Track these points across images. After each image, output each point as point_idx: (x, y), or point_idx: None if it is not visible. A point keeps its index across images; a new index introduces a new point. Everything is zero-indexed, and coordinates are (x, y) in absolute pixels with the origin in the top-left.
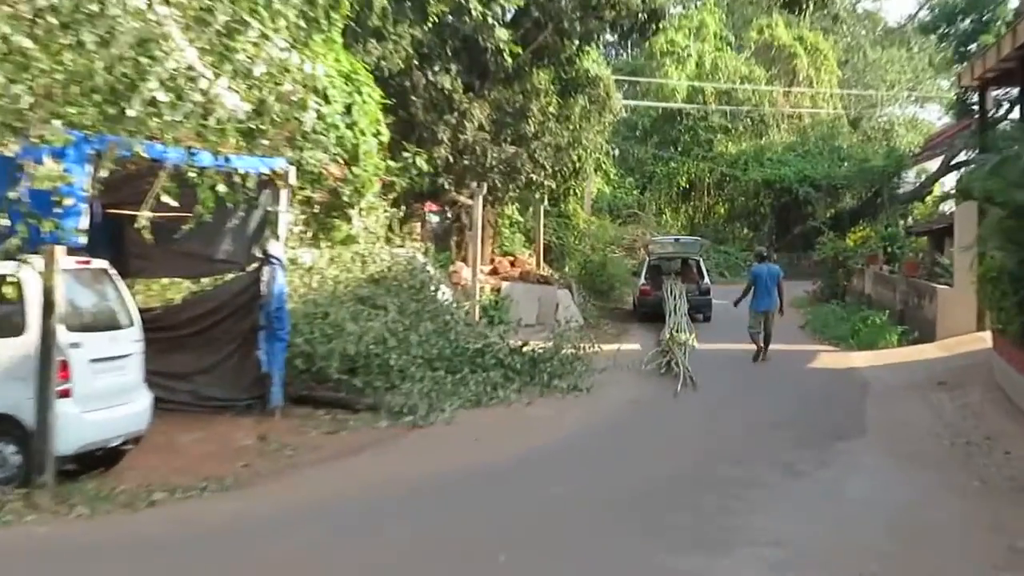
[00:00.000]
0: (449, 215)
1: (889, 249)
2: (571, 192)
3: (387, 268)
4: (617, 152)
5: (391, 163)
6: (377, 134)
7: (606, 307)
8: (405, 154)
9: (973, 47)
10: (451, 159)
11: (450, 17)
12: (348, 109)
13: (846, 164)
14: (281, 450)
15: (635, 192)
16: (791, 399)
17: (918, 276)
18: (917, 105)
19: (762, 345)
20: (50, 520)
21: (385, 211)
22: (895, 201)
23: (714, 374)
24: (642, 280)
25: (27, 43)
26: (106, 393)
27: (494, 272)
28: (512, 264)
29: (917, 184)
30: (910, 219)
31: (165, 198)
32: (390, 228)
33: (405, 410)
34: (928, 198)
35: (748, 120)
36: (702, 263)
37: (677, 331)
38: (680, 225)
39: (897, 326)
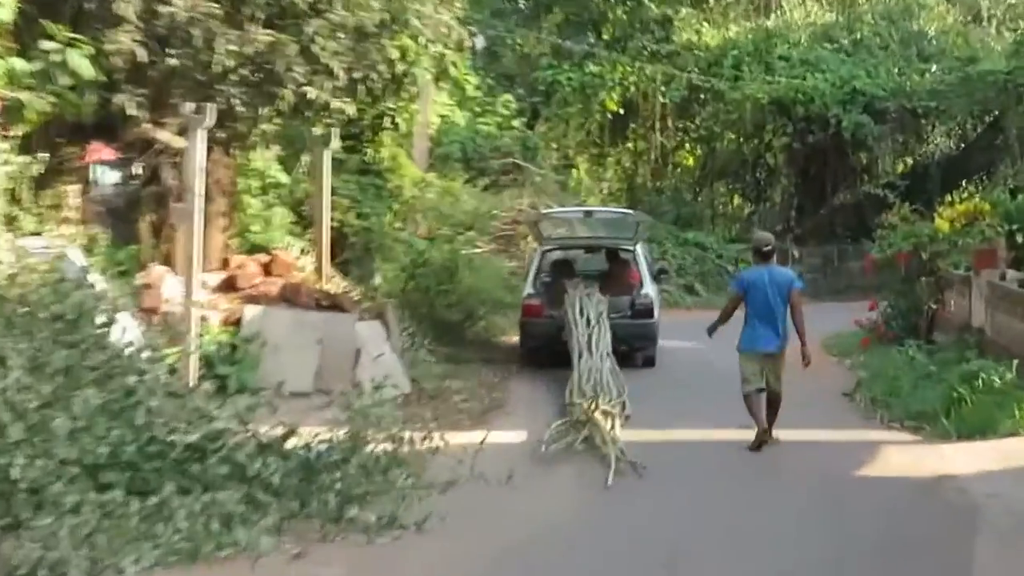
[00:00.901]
0: (139, 170)
1: (1020, 234)
2: (388, 125)
3: (4, 279)
4: (481, 44)
5: (18, 64)
6: None
7: (460, 353)
8: (47, 46)
9: None
10: (143, 56)
11: None
12: None
13: (936, 69)
14: None
15: (517, 124)
16: (825, 547)
17: None
18: None
19: (764, 423)
20: None
21: (3, 162)
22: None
23: (673, 487)
24: (528, 288)
25: None
26: None
27: (231, 286)
28: (267, 270)
29: None
30: None
31: None
32: (13, 197)
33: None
34: None
35: None
36: (640, 257)
37: (592, 389)
38: (606, 191)
39: None
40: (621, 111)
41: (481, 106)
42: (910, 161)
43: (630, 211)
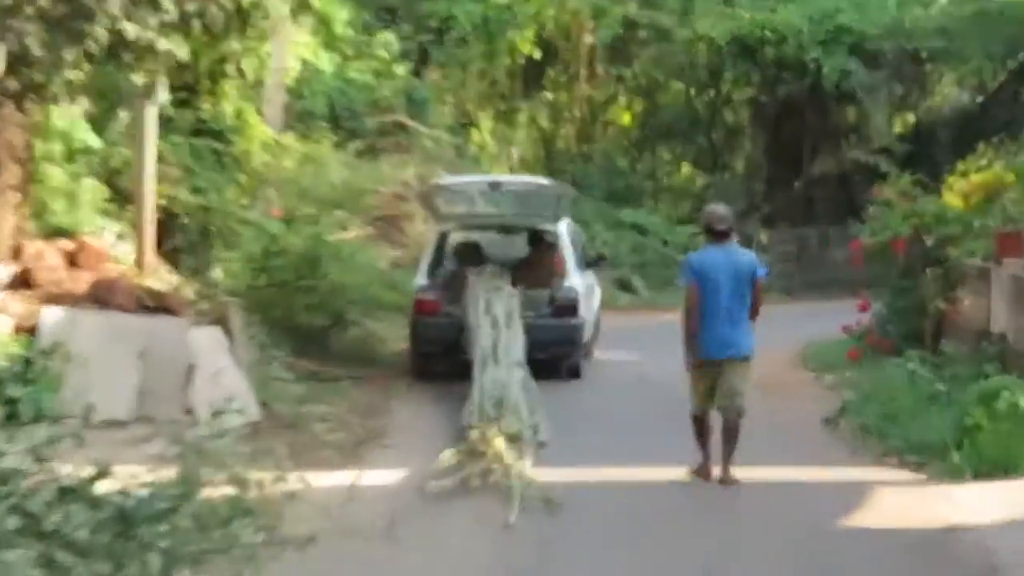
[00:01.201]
0: None
1: None
2: (232, 73)
3: None
4: None
5: None
6: None
7: (326, 368)
8: None
9: None
10: None
11: None
12: None
13: (944, 0)
14: None
15: (401, 72)
16: None
17: None
18: None
19: (710, 454)
20: None
21: None
22: None
23: (597, 535)
24: (420, 279)
25: None
26: None
27: (24, 282)
28: (72, 261)
29: None
30: None
31: None
32: None
33: None
34: None
35: None
36: (564, 240)
37: (496, 408)
38: (517, 158)
39: None
40: (536, 54)
41: (354, 48)
42: (911, 119)
43: (548, 181)
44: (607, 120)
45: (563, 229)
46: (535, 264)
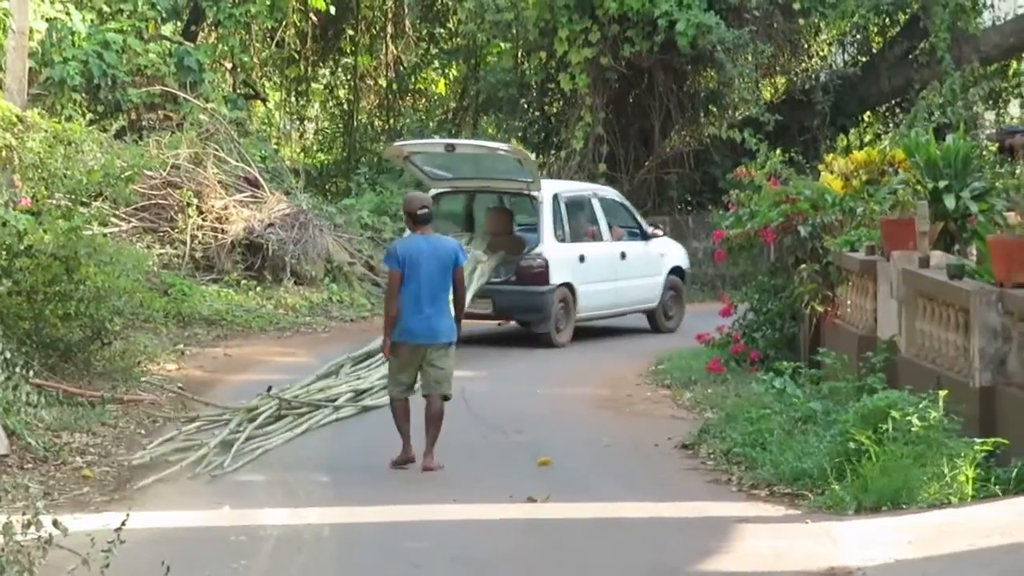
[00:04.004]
0: None
1: (950, 197)
2: None
3: None
4: None
5: None
6: None
7: (87, 389)
8: None
9: None
10: None
11: None
12: None
13: None
14: None
15: (169, 33)
16: None
17: None
18: None
19: (410, 439)
20: None
21: None
22: (965, 57)
23: None
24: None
25: None
26: None
27: None
28: None
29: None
30: (1003, 112)
31: None
32: None
33: None
34: None
35: None
36: (546, 206)
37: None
38: (311, 135)
39: (972, 439)
40: (331, 8)
41: (111, 5)
42: (782, 84)
43: (502, 145)
44: (418, 88)
45: (547, 195)
46: (504, 231)
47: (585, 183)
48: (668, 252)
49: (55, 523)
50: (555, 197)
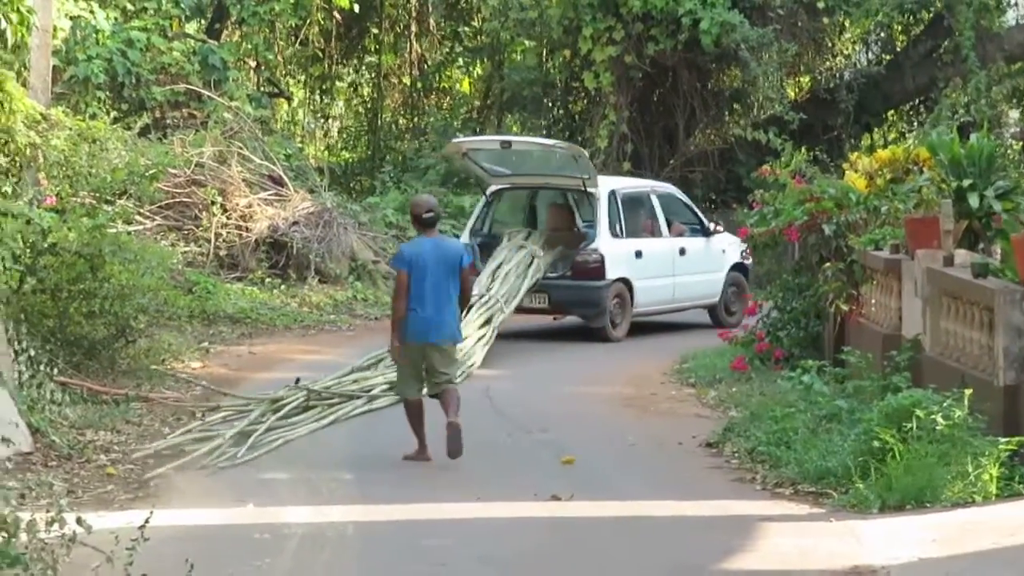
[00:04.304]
0: None
1: (974, 196)
2: None
3: None
4: None
5: None
6: None
7: (111, 387)
8: None
9: None
10: None
11: None
12: None
13: None
14: None
15: (193, 31)
16: None
17: None
18: None
19: (425, 440)
20: None
21: None
22: (989, 55)
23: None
24: (463, 238)
25: None
26: None
27: None
28: None
29: None
30: None
31: None
32: None
33: None
34: None
35: None
36: (601, 203)
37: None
38: (336, 133)
39: (996, 437)
40: (355, 7)
41: (135, 3)
42: (806, 84)
43: (557, 142)
44: (442, 86)
45: (603, 192)
46: (565, 227)
47: (644, 180)
48: (730, 248)
49: (79, 521)
50: (612, 193)
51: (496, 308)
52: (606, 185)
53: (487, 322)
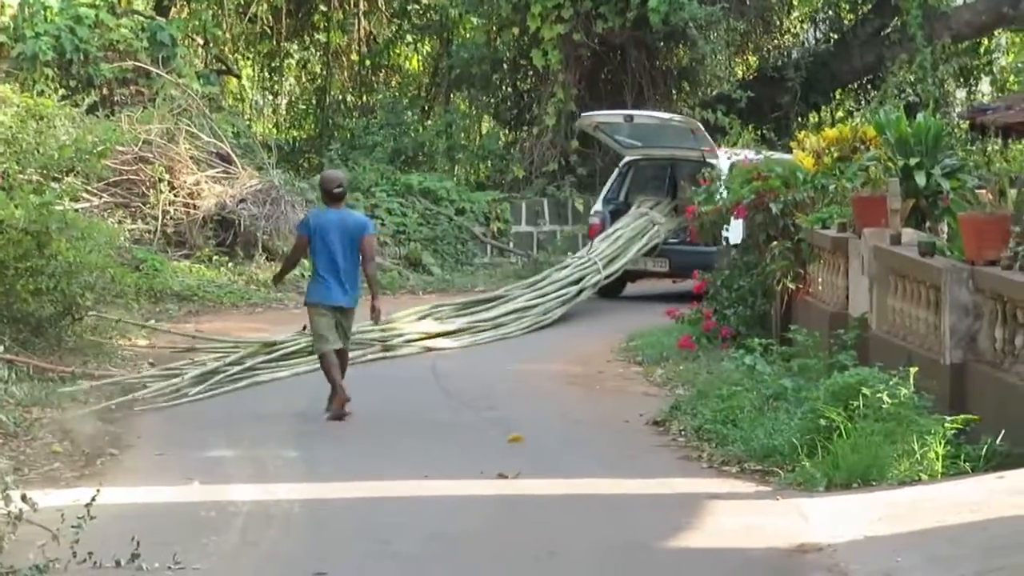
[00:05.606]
0: None
1: (921, 174)
2: None
3: None
4: None
5: None
6: None
7: (58, 365)
8: None
9: None
10: None
11: None
12: None
13: None
14: None
15: (141, 7)
16: None
17: (1014, 262)
18: None
19: (342, 386)
20: None
21: None
22: (937, 34)
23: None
24: (596, 206)
25: None
26: None
27: None
28: None
29: None
30: (975, 90)
31: None
32: None
33: None
34: None
35: None
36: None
37: None
38: (284, 110)
39: (942, 416)
40: None
41: None
42: (754, 62)
43: (677, 116)
44: (391, 64)
45: (724, 163)
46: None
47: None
48: None
49: (24, 498)
50: (732, 166)
51: (591, 269)
52: (726, 156)
53: (576, 282)
